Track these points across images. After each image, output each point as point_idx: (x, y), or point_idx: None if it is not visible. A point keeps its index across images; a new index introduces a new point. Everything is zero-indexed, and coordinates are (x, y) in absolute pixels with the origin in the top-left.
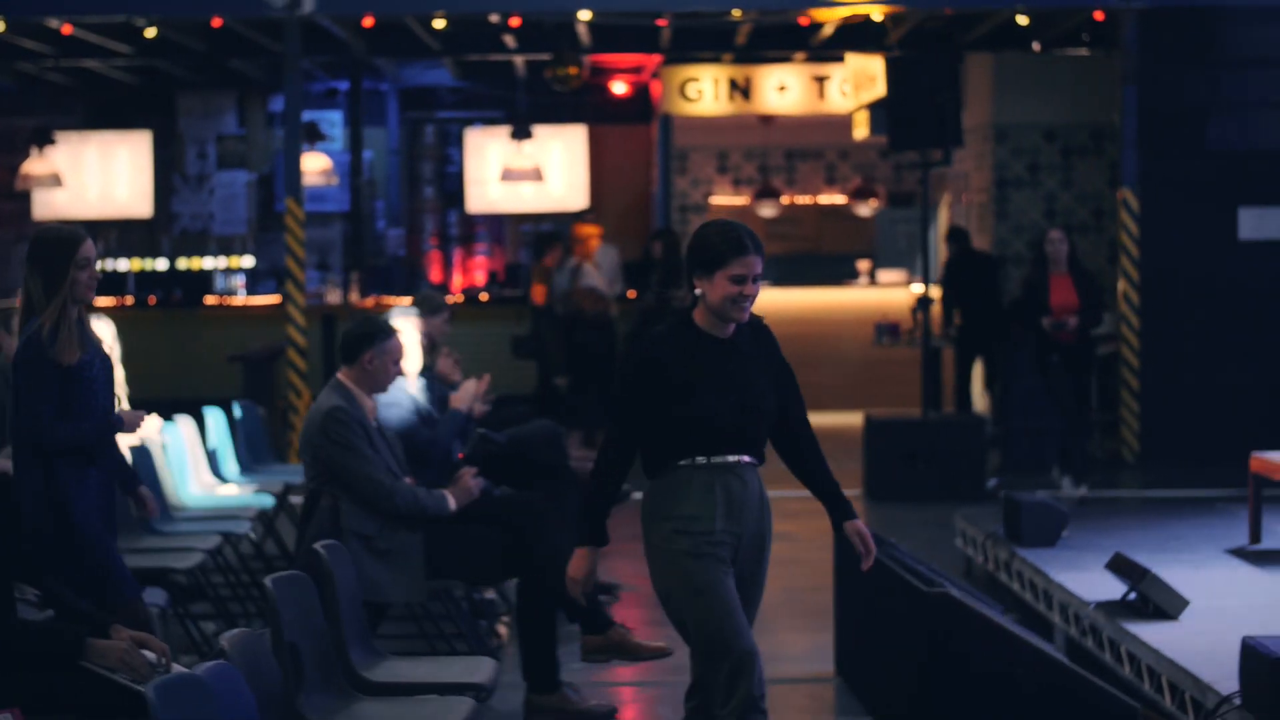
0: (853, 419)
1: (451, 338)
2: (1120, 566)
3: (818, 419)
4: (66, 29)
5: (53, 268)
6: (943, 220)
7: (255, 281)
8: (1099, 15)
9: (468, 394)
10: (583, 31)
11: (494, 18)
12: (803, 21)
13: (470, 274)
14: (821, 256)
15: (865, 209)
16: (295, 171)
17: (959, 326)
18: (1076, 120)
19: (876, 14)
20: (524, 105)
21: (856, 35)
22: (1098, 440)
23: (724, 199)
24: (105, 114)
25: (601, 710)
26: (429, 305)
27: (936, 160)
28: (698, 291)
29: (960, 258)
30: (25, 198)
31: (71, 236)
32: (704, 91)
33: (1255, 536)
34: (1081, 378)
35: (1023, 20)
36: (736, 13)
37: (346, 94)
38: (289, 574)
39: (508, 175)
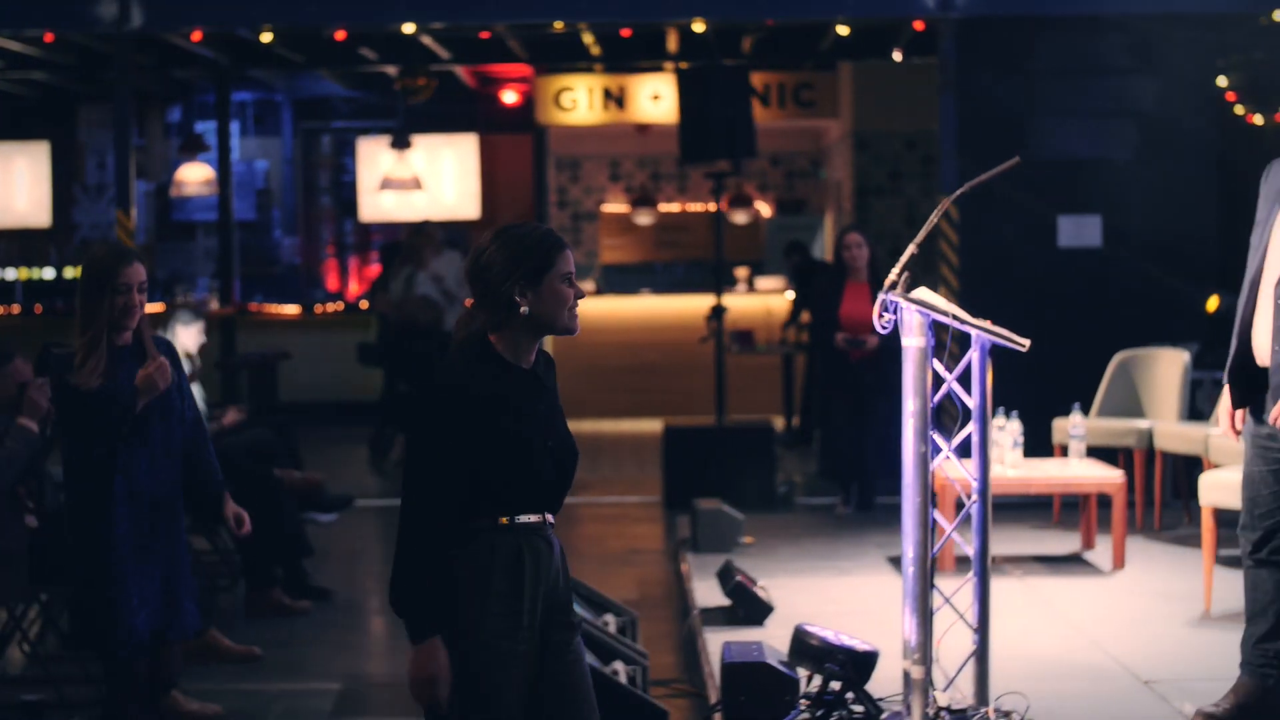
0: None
1: (313, 345)
2: (723, 575)
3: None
4: None
5: (90, 294)
6: (828, 229)
7: (154, 289)
8: (918, 25)
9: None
10: (430, 42)
11: (344, 34)
12: (624, 33)
13: (366, 282)
14: (710, 264)
15: (742, 216)
16: (126, 185)
17: (808, 335)
18: (938, 128)
19: (698, 25)
20: (403, 114)
21: (712, 44)
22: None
23: (616, 207)
24: (6, 126)
25: (208, 713)
26: (185, 316)
27: (726, 171)
28: (524, 310)
29: (803, 268)
30: None
31: (109, 261)
32: (578, 101)
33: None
34: (880, 402)
35: (843, 30)
36: (559, 25)
37: (239, 105)
38: None
39: (387, 184)
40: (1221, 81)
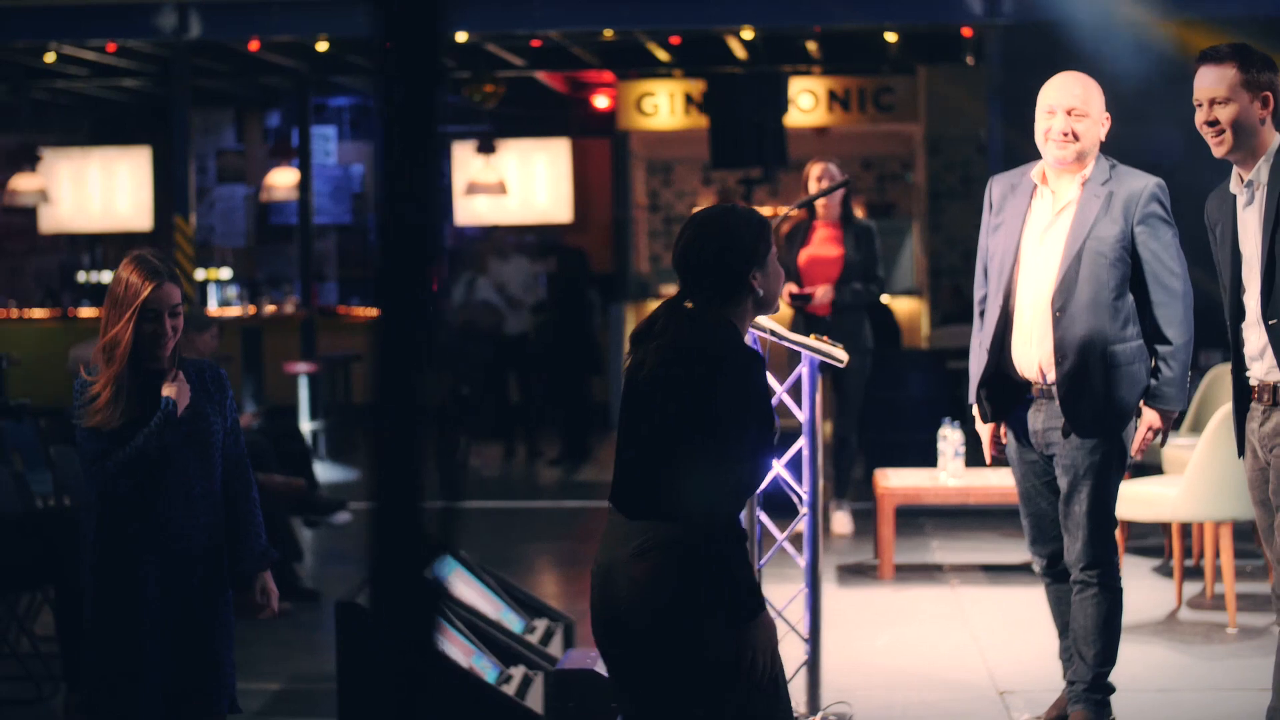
0: None
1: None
2: None
3: None
4: None
5: (114, 316)
6: (915, 233)
7: (254, 292)
8: (966, 32)
9: None
10: (496, 50)
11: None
12: (674, 41)
13: None
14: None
15: None
16: (185, 191)
17: None
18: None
19: (747, 33)
20: (489, 119)
21: (783, 49)
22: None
23: None
24: (110, 131)
25: None
26: (197, 323)
27: (756, 178)
28: (760, 291)
29: None
30: (32, 211)
31: (135, 281)
32: (659, 106)
33: (876, 553)
34: (846, 374)
35: (891, 38)
36: (608, 33)
37: (336, 110)
38: None
39: (472, 189)
40: None
